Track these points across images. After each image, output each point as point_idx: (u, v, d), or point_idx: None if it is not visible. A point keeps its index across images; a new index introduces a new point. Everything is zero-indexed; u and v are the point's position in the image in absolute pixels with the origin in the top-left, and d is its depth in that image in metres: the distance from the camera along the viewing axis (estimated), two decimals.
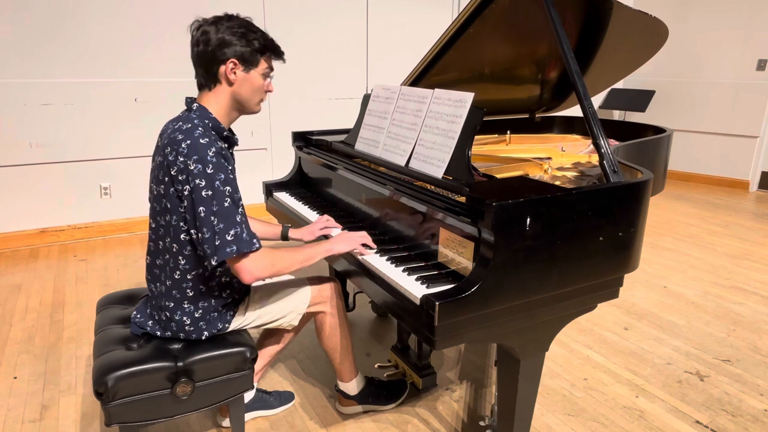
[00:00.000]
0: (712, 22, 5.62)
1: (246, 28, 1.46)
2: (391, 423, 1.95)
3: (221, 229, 1.38)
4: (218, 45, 1.43)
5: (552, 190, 1.39)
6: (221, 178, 1.38)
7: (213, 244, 1.38)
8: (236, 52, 1.44)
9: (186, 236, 1.45)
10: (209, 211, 1.37)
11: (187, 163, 1.37)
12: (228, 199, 1.38)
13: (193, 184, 1.37)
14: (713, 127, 5.74)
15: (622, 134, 2.88)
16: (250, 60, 1.47)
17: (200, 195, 1.37)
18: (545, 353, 1.58)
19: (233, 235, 1.38)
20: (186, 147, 1.38)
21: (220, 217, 1.37)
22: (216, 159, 1.38)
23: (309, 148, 2.43)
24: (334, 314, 1.82)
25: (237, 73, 1.47)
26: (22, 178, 3.68)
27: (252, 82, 1.50)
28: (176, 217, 1.44)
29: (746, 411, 2.05)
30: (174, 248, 1.48)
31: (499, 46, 2.25)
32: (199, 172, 1.36)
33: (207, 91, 1.51)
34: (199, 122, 1.45)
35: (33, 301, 2.92)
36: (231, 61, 1.45)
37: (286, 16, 4.33)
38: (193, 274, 1.51)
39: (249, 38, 1.46)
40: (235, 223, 1.39)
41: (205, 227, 1.38)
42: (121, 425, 1.45)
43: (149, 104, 3.93)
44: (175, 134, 1.42)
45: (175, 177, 1.40)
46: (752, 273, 3.41)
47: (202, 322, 1.56)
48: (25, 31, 3.49)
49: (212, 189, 1.37)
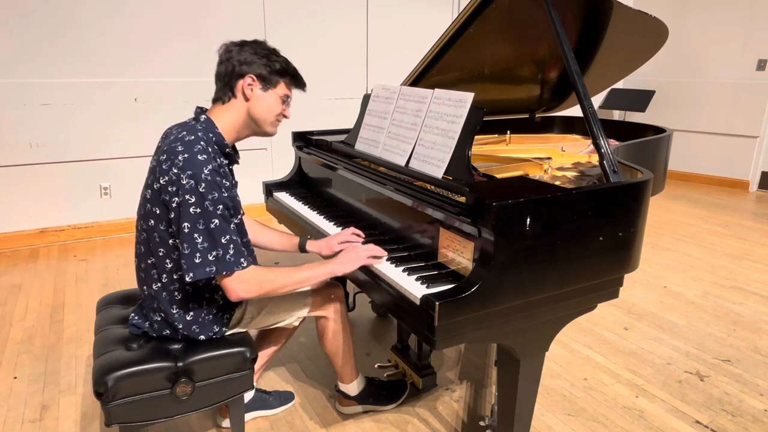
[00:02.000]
0: (712, 21, 5.61)
1: (270, 52, 1.51)
2: (391, 423, 1.95)
3: (204, 249, 1.36)
4: (240, 62, 1.47)
5: (552, 190, 1.39)
6: (213, 197, 1.36)
7: (192, 261, 1.37)
8: (256, 69, 1.48)
9: (173, 241, 1.44)
10: (194, 229, 1.36)
11: (180, 176, 1.36)
12: (216, 220, 1.37)
13: (182, 198, 1.35)
14: (713, 127, 5.74)
15: (622, 134, 2.88)
16: (269, 80, 1.50)
17: (188, 211, 1.35)
18: (545, 353, 1.58)
19: (215, 256, 1.37)
20: (182, 160, 1.37)
21: (205, 236, 1.36)
22: (211, 177, 1.36)
23: (309, 148, 2.43)
24: (336, 319, 1.80)
25: (254, 90, 1.49)
26: (22, 178, 3.68)
27: (268, 102, 1.51)
28: (164, 223, 1.43)
29: (746, 411, 2.05)
30: (161, 252, 1.47)
31: (499, 46, 2.25)
32: (190, 188, 1.35)
33: (220, 104, 1.52)
34: (203, 135, 1.44)
35: (33, 301, 2.92)
36: (249, 76, 1.48)
37: (286, 16, 4.33)
38: (180, 275, 1.48)
39: (271, 59, 1.50)
40: (220, 244, 1.37)
41: (186, 243, 1.36)
42: (121, 425, 1.45)
43: (149, 104, 3.93)
44: (176, 144, 1.41)
45: (164, 186, 1.39)
46: (752, 273, 3.41)
47: (195, 325, 1.54)
48: (26, 31, 3.49)
49: (201, 207, 1.36)
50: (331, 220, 2.03)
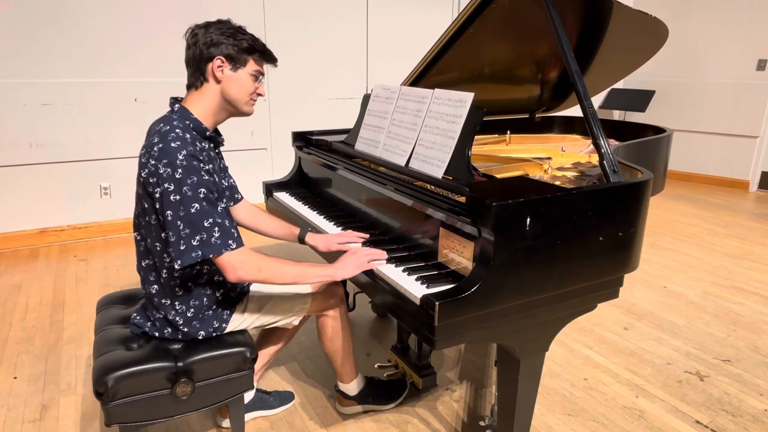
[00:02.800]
0: (712, 22, 5.61)
1: (235, 30, 1.49)
2: (391, 423, 1.95)
3: (187, 234, 1.36)
4: (207, 44, 1.46)
5: (552, 190, 1.39)
6: (192, 182, 1.36)
7: (178, 249, 1.37)
8: (224, 50, 1.46)
9: (165, 234, 1.44)
10: (176, 216, 1.36)
11: (158, 166, 1.36)
12: (196, 204, 1.36)
13: (162, 188, 1.36)
14: (713, 127, 5.74)
15: (622, 134, 2.88)
16: (238, 59, 1.48)
17: (168, 199, 1.36)
18: (545, 353, 1.58)
19: (199, 240, 1.37)
20: (157, 150, 1.37)
21: (186, 222, 1.36)
22: (187, 162, 1.36)
23: (309, 148, 2.43)
24: (336, 318, 1.81)
25: (224, 71, 1.48)
26: (22, 178, 3.68)
27: (240, 81, 1.50)
28: (155, 216, 1.43)
29: (746, 411, 2.05)
30: (157, 247, 1.47)
31: (499, 46, 2.25)
32: (168, 176, 1.35)
33: (194, 90, 1.51)
34: (179, 123, 1.44)
35: (33, 301, 2.92)
36: (218, 58, 1.46)
37: (286, 16, 4.33)
38: (180, 271, 1.50)
39: (237, 38, 1.48)
40: (203, 228, 1.37)
41: (171, 231, 1.37)
42: (121, 425, 1.45)
43: (149, 104, 3.93)
44: (153, 137, 1.42)
45: (146, 179, 1.40)
46: (752, 273, 3.41)
47: (195, 321, 1.55)
48: (26, 31, 3.49)
49: (180, 194, 1.35)
50: (331, 220, 2.03)
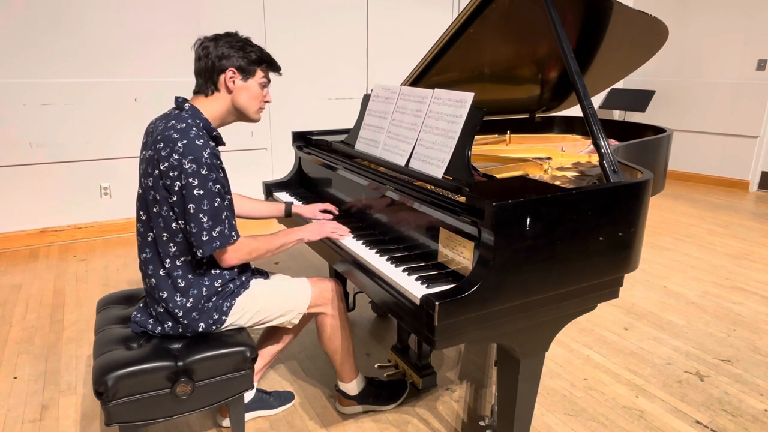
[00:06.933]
0: (713, 22, 5.61)
1: (244, 43, 1.60)
2: (391, 423, 1.95)
3: (210, 226, 1.48)
4: (219, 57, 1.56)
5: (552, 190, 1.39)
6: (213, 178, 1.48)
7: (200, 239, 1.49)
8: (235, 62, 1.57)
9: (177, 225, 1.52)
10: (199, 209, 1.47)
11: (182, 161, 1.45)
12: (218, 199, 1.49)
13: (186, 181, 1.45)
14: (713, 127, 5.74)
15: (622, 134, 2.88)
16: (248, 70, 1.60)
17: (192, 193, 1.46)
18: (545, 353, 1.58)
19: (218, 232, 1.50)
20: (182, 146, 1.46)
21: (209, 215, 1.48)
22: (210, 160, 1.48)
23: (309, 148, 2.43)
24: (335, 316, 1.82)
25: (236, 81, 1.59)
26: (22, 178, 3.68)
27: (250, 91, 1.62)
28: (166, 208, 1.51)
29: (746, 411, 2.05)
30: (164, 237, 1.53)
31: (499, 46, 2.25)
32: (193, 172, 1.45)
33: (203, 96, 1.61)
34: (192, 122, 1.54)
35: (33, 301, 2.92)
36: (230, 69, 1.57)
37: (286, 16, 4.33)
38: (182, 260, 1.56)
39: (246, 51, 1.59)
40: (221, 220, 1.50)
41: (193, 223, 1.47)
42: (121, 425, 1.45)
43: (149, 104, 3.92)
44: (170, 132, 1.49)
45: (165, 172, 1.47)
46: (752, 273, 3.41)
47: (195, 312, 1.56)
48: (26, 30, 3.49)
49: (204, 189, 1.46)
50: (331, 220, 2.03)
